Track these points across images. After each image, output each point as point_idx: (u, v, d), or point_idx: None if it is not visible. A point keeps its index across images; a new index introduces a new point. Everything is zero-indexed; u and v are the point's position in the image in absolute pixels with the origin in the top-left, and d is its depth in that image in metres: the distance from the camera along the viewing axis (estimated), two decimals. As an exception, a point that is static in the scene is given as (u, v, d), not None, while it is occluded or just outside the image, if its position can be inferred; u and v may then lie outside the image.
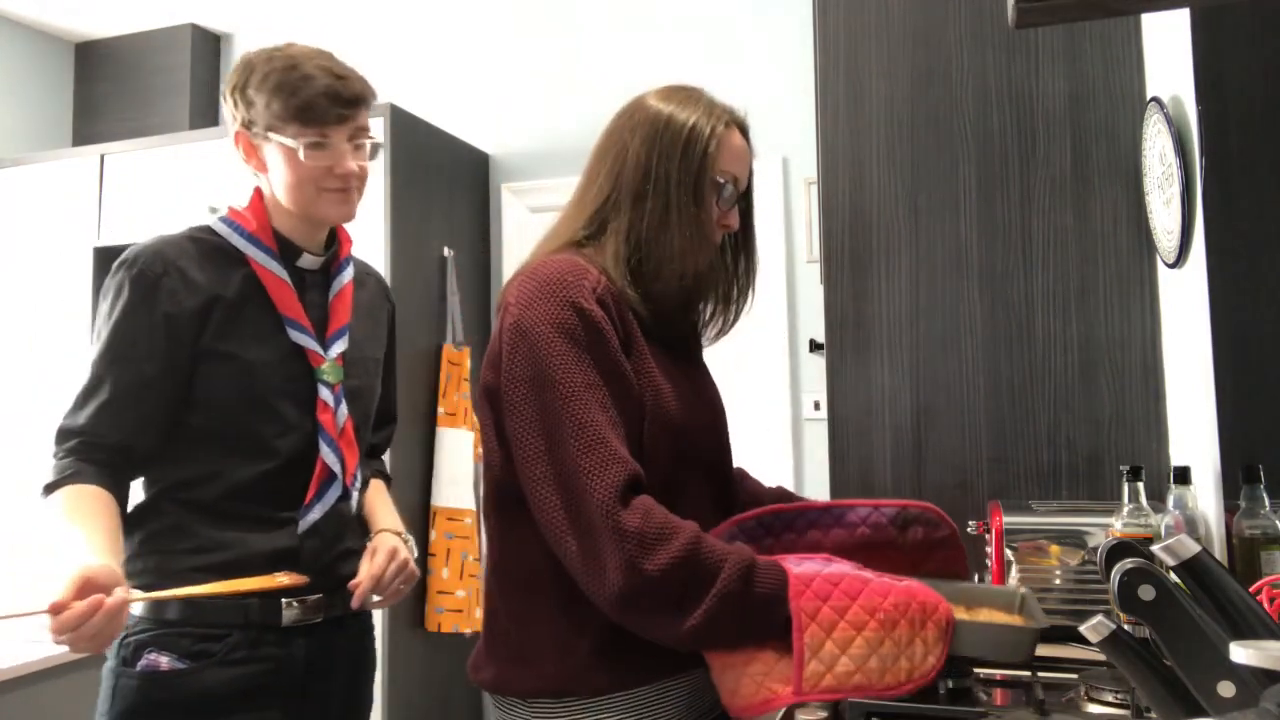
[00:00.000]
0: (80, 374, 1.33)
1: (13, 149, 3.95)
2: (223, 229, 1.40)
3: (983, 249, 1.97)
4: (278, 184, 1.37)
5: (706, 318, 1.39)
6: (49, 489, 1.26)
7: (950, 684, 1.22)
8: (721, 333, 1.42)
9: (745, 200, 1.36)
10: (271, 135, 1.34)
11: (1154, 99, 1.74)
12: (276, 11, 4.02)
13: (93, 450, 1.28)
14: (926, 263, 2.00)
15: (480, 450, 3.09)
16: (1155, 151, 1.72)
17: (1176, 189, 1.57)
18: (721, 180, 1.27)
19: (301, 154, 1.33)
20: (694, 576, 1.05)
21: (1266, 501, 1.29)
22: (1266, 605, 1.06)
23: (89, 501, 1.25)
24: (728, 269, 1.39)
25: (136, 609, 1.29)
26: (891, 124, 2.04)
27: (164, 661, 1.26)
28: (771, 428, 3.20)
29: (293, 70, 1.32)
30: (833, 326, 2.06)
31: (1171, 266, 1.70)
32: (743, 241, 1.40)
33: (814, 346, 2.99)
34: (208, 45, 4.15)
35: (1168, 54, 1.70)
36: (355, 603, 1.37)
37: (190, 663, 1.26)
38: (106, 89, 4.18)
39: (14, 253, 3.69)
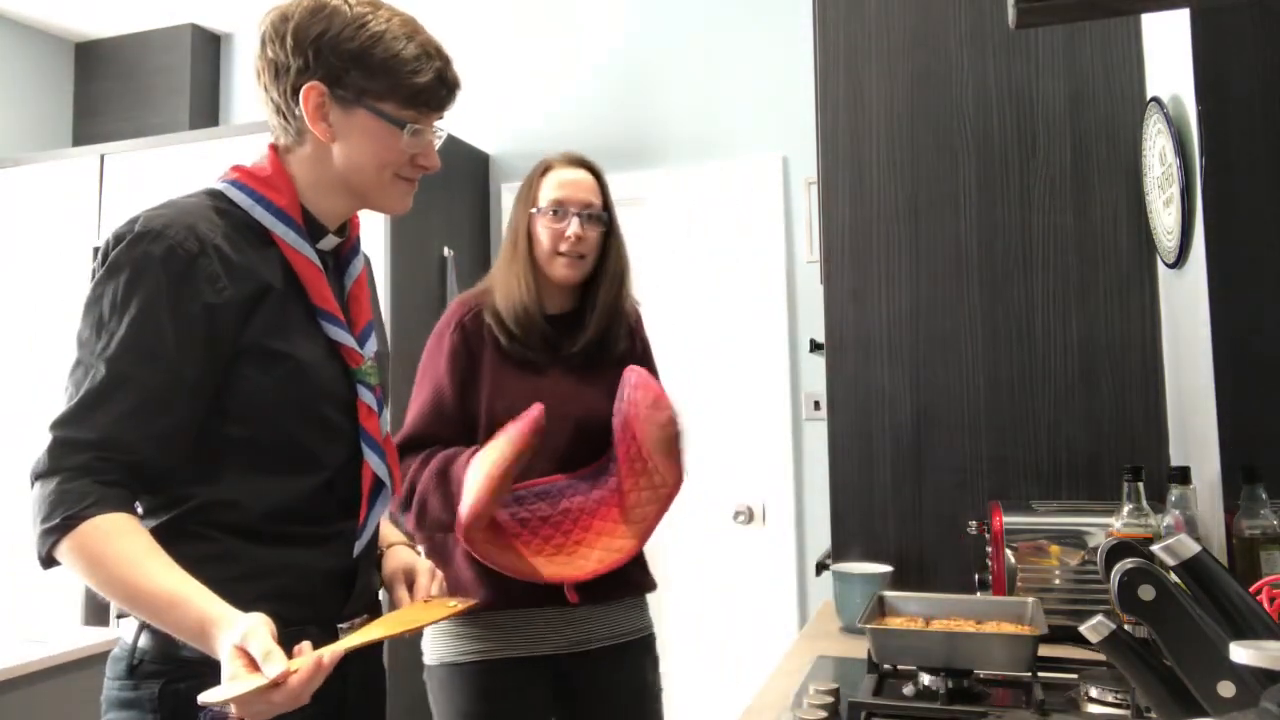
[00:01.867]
0: (79, 370, 1.08)
1: (13, 149, 3.95)
2: (242, 199, 1.18)
3: (983, 249, 1.97)
4: (349, 157, 1.18)
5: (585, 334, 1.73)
6: (68, 523, 1.01)
7: (950, 684, 1.22)
8: (599, 336, 1.74)
9: (600, 220, 1.74)
10: (371, 105, 1.16)
11: (1154, 99, 1.74)
12: (276, 11, 4.02)
13: (108, 469, 1.04)
14: (926, 263, 2.00)
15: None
16: (1155, 151, 1.72)
17: (1176, 189, 1.57)
18: (538, 209, 1.72)
19: (406, 137, 1.17)
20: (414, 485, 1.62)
21: (1266, 501, 1.29)
22: (1266, 605, 1.06)
23: (141, 537, 1.04)
24: (591, 288, 1.75)
25: (166, 648, 1.09)
26: (891, 124, 2.04)
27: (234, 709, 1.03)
28: (771, 428, 3.20)
29: (407, 42, 1.16)
30: (833, 326, 2.06)
31: (1171, 266, 1.70)
32: (600, 258, 1.75)
33: (814, 346, 2.98)
34: (208, 45, 4.14)
35: (1168, 54, 1.70)
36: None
37: None
38: (106, 89, 4.18)
39: (14, 253, 3.69)
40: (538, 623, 1.66)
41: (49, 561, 1.05)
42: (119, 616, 1.14)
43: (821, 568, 2.18)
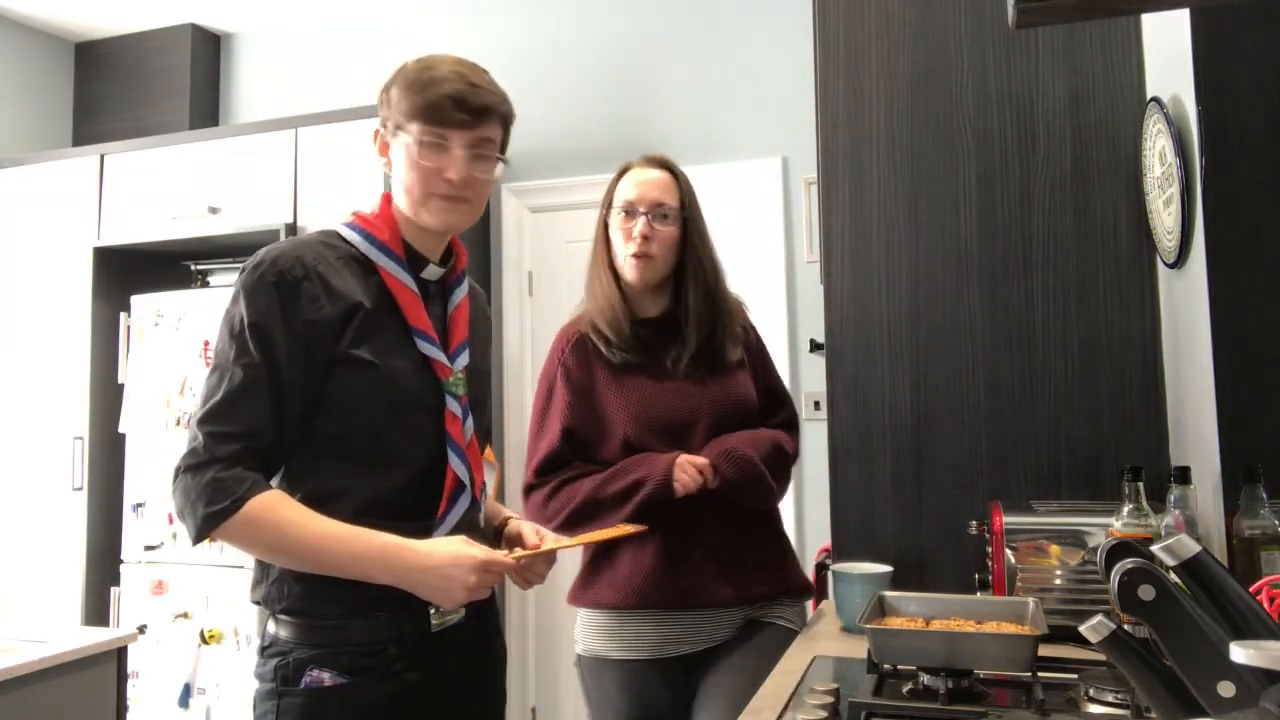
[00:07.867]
0: (216, 375, 1.27)
1: (13, 149, 3.95)
2: (354, 237, 1.37)
3: (983, 249, 1.97)
4: (397, 184, 1.37)
5: (687, 342, 1.77)
6: (237, 504, 1.20)
7: (950, 685, 1.22)
8: (703, 345, 1.78)
9: (672, 219, 1.76)
10: (398, 131, 1.34)
11: (1154, 99, 1.74)
12: (276, 11, 4.02)
13: (253, 456, 1.24)
14: (926, 263, 2.00)
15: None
16: (1155, 151, 1.72)
17: (1176, 189, 1.57)
18: (610, 208, 1.76)
19: (417, 151, 1.32)
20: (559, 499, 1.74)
21: (1266, 501, 1.29)
22: (1266, 605, 1.06)
23: (299, 505, 1.25)
24: (679, 295, 1.77)
25: (285, 632, 1.29)
26: (891, 124, 2.04)
27: (326, 677, 1.27)
28: (771, 428, 3.19)
29: (427, 70, 1.34)
30: (833, 326, 2.06)
31: (1171, 266, 1.70)
32: (682, 257, 1.76)
33: (814, 346, 2.99)
34: (208, 45, 4.15)
35: (1168, 54, 1.70)
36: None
37: (352, 678, 1.27)
38: (106, 89, 4.18)
39: (14, 253, 3.69)
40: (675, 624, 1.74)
41: (200, 538, 1.23)
42: (255, 602, 1.34)
43: (821, 568, 2.18)
